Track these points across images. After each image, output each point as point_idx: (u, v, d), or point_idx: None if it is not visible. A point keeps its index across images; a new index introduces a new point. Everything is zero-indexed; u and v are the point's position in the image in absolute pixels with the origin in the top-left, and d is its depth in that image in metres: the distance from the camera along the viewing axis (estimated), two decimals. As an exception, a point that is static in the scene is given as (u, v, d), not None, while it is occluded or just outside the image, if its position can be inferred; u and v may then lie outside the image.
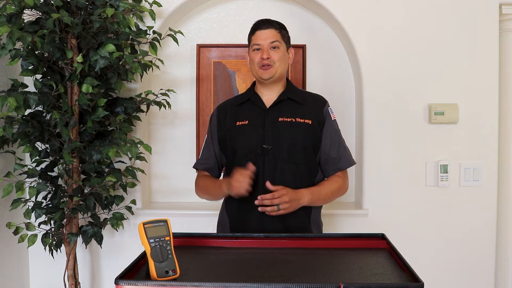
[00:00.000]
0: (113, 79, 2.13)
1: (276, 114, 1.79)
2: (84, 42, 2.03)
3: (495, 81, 2.43)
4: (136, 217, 2.42)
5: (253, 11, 2.60)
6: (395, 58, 2.43)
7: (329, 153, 1.81)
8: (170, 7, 2.41)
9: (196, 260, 1.28)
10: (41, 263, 2.49)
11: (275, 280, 1.09)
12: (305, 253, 1.35)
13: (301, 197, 1.71)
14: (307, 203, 1.73)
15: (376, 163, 2.45)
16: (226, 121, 1.86)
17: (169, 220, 1.16)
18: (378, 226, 2.37)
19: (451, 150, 2.44)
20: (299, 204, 1.70)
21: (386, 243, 1.40)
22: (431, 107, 2.41)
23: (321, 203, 1.83)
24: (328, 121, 1.82)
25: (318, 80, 2.62)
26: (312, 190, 1.76)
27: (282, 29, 1.83)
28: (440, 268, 2.45)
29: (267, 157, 1.75)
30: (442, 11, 2.41)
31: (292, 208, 1.68)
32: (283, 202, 1.65)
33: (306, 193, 1.73)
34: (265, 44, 1.77)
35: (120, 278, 1.06)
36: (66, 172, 2.10)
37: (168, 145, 2.65)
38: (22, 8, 1.93)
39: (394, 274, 1.15)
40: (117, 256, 2.49)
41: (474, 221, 2.45)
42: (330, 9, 2.41)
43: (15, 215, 2.32)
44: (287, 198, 1.66)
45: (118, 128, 2.18)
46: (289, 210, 1.68)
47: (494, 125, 2.43)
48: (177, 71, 2.63)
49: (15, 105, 1.90)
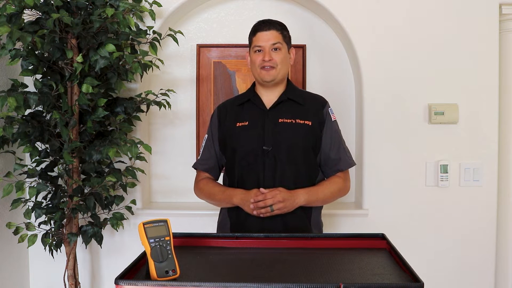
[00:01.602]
0: (113, 79, 2.13)
1: (276, 115, 1.79)
2: (84, 42, 2.03)
3: (495, 81, 2.42)
4: (136, 217, 2.42)
5: (253, 11, 2.60)
6: (395, 58, 2.43)
7: (329, 154, 1.81)
8: (170, 7, 2.41)
9: (196, 260, 1.28)
10: (41, 263, 2.49)
11: (275, 280, 1.09)
12: (305, 253, 1.35)
13: (296, 197, 1.70)
14: (304, 203, 1.72)
15: (376, 163, 2.45)
16: (226, 121, 1.85)
17: (169, 220, 1.15)
18: (378, 226, 2.37)
19: (451, 150, 2.44)
20: (294, 203, 1.69)
21: (386, 243, 1.40)
22: (431, 107, 2.41)
23: (320, 203, 1.82)
24: (328, 122, 1.82)
25: (318, 80, 2.62)
26: (309, 190, 1.75)
27: (284, 30, 1.82)
28: (440, 268, 2.45)
29: (267, 158, 1.74)
30: (442, 11, 2.41)
31: (287, 208, 1.67)
32: (277, 202, 1.64)
33: (302, 193, 1.72)
34: (267, 46, 1.76)
35: (120, 278, 1.06)
36: (66, 172, 2.10)
37: (168, 145, 2.65)
38: (22, 8, 1.93)
39: (394, 274, 1.15)
40: (117, 256, 2.49)
41: (474, 221, 2.45)
42: (330, 9, 2.41)
43: (15, 215, 2.32)
44: (281, 197, 1.65)
45: (118, 128, 2.18)
46: (285, 210, 1.67)
47: (494, 125, 2.43)
48: (177, 71, 2.63)
49: (15, 105, 1.90)
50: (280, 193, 1.66)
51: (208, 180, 1.91)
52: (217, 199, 1.84)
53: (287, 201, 1.67)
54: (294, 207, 1.70)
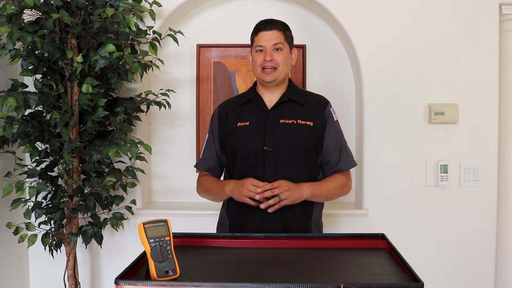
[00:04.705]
0: (113, 79, 2.13)
1: (278, 115, 1.78)
2: (84, 42, 2.03)
3: (495, 81, 2.42)
4: (136, 217, 2.42)
5: (253, 11, 2.60)
6: (395, 58, 2.43)
7: (330, 155, 1.81)
8: (170, 7, 2.41)
9: (196, 260, 1.28)
10: (41, 263, 2.49)
11: (275, 280, 1.09)
12: (305, 253, 1.35)
13: (302, 188, 1.69)
14: (309, 195, 1.71)
15: (376, 163, 2.45)
16: (227, 121, 1.85)
17: (169, 220, 1.16)
18: (378, 226, 2.37)
19: (451, 150, 2.44)
20: (301, 194, 1.68)
21: (386, 243, 1.40)
22: (431, 107, 2.41)
23: (323, 199, 1.81)
24: (330, 123, 1.81)
25: (318, 80, 2.62)
26: (314, 184, 1.75)
27: (286, 30, 1.80)
28: (440, 268, 2.45)
29: (268, 159, 1.74)
30: (442, 11, 2.41)
31: (293, 198, 1.66)
32: (284, 191, 1.64)
33: (307, 186, 1.72)
34: (268, 46, 1.75)
35: (120, 278, 1.06)
36: (66, 172, 2.10)
37: (168, 145, 2.65)
38: (22, 8, 1.93)
39: (394, 274, 1.15)
40: (117, 256, 2.49)
41: (474, 221, 2.45)
42: (330, 9, 2.41)
43: (15, 215, 2.32)
44: (286, 186, 1.64)
45: (118, 128, 2.18)
46: (291, 200, 1.65)
47: (494, 125, 2.43)
48: (177, 71, 2.63)
49: (15, 105, 1.90)
50: (284, 182, 1.66)
51: (208, 175, 1.91)
52: (213, 193, 1.85)
53: (293, 190, 1.66)
54: (301, 199, 1.69)
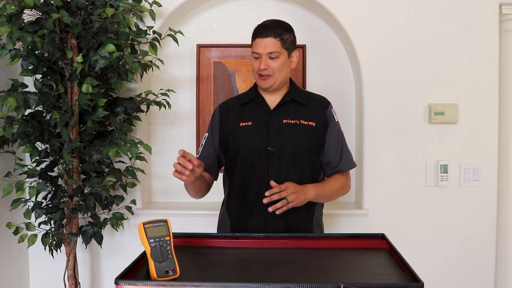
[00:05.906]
0: (113, 79, 2.13)
1: (280, 116, 1.78)
2: (84, 42, 2.03)
3: (495, 81, 2.42)
4: (136, 217, 2.42)
5: (253, 11, 2.60)
6: (395, 58, 2.43)
7: (331, 155, 1.81)
8: (170, 7, 2.41)
9: (196, 260, 1.28)
10: (41, 263, 2.49)
11: (275, 280, 1.09)
12: (305, 253, 1.35)
13: (307, 190, 1.70)
14: (313, 196, 1.72)
15: (376, 163, 2.45)
16: (228, 121, 1.84)
17: (169, 220, 1.15)
18: (378, 226, 2.37)
19: (451, 150, 2.44)
20: (306, 196, 1.69)
21: (386, 243, 1.40)
22: (431, 107, 2.41)
23: (326, 199, 1.82)
24: (332, 123, 1.82)
25: (318, 80, 2.62)
26: (317, 185, 1.76)
27: (284, 35, 1.74)
28: (440, 268, 2.45)
29: (271, 159, 1.74)
30: (442, 11, 2.41)
31: (300, 200, 1.66)
32: (290, 193, 1.64)
33: (311, 187, 1.72)
34: (263, 53, 1.73)
35: (120, 278, 1.06)
36: (66, 172, 2.10)
37: (168, 145, 2.64)
38: (22, 8, 1.93)
39: (394, 274, 1.15)
40: (117, 256, 2.49)
41: (474, 221, 2.45)
42: (330, 9, 2.41)
43: (15, 215, 2.32)
44: (293, 189, 1.65)
45: (118, 128, 2.18)
46: (297, 202, 1.66)
47: (494, 125, 2.43)
48: (177, 71, 2.63)
49: (15, 105, 1.91)
50: (291, 185, 1.66)
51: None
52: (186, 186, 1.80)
53: (299, 192, 1.66)
54: (306, 200, 1.70)
